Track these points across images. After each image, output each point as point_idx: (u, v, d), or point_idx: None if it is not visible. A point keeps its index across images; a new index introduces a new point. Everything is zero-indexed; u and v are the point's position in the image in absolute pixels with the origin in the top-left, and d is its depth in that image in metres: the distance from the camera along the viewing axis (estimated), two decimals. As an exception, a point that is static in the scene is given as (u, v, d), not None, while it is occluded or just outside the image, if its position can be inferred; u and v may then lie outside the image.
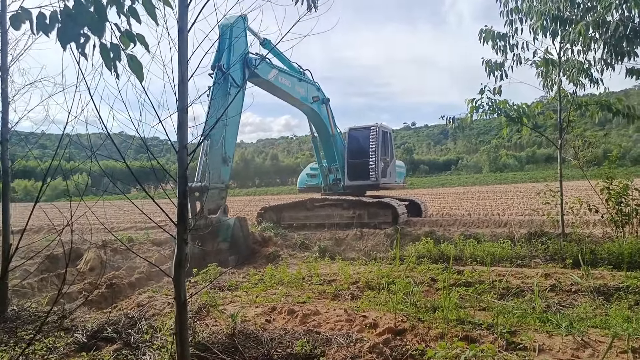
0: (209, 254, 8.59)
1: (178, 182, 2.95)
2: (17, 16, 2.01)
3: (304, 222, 15.05)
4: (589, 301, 4.88)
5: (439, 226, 14.52)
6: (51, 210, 5.05)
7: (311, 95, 13.61)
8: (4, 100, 4.74)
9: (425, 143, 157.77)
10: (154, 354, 3.68)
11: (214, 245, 8.88)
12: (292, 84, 12.50)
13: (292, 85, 12.48)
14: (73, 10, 2.01)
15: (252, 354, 3.61)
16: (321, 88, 14.27)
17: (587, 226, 12.09)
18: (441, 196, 33.50)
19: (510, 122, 8.23)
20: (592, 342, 3.73)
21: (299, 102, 13.15)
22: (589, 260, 6.51)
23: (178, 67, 2.87)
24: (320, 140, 15.35)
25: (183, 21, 2.84)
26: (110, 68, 2.26)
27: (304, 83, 13.21)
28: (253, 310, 4.98)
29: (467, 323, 4.22)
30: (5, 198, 4.91)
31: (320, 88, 14.23)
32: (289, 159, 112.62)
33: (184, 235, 2.95)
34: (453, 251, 7.58)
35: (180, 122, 2.93)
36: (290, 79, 12.50)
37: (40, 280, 8.07)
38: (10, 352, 3.82)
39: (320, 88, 14.23)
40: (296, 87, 12.72)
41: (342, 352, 3.68)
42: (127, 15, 2.24)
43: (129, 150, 3.07)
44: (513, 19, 7.83)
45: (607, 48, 6.91)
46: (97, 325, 4.35)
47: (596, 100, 7.73)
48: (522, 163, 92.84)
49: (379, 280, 5.91)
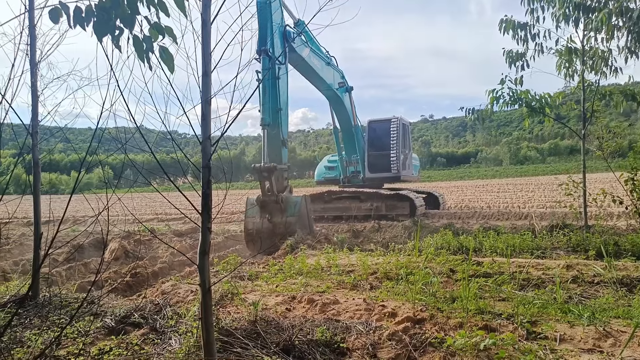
0: (278, 226, 9.58)
1: (202, 172, 3.03)
2: (55, 10, 2.11)
3: (322, 215, 15.14)
4: (611, 292, 4.83)
5: (457, 218, 14.44)
6: (75, 201, 5.22)
7: (337, 81, 13.79)
8: (34, 94, 4.90)
9: (443, 136, 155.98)
10: (179, 339, 3.80)
11: (283, 219, 9.75)
12: (322, 66, 12.76)
13: (322, 67, 12.74)
14: (107, 4, 2.10)
15: (274, 339, 3.70)
16: (345, 76, 14.33)
17: (611, 218, 11.87)
18: (459, 189, 33.19)
19: (532, 112, 8.11)
20: (614, 332, 3.71)
21: (325, 85, 13.36)
22: (612, 252, 6.42)
23: (202, 59, 2.94)
24: (342, 131, 15.41)
25: (206, 13, 2.91)
26: (142, 59, 2.35)
27: (330, 68, 13.37)
28: (273, 299, 5.08)
29: (486, 313, 4.23)
30: (36, 190, 5.09)
31: (344, 76, 14.30)
32: (306, 152, 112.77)
33: (207, 223, 3.04)
34: (472, 243, 7.56)
35: (204, 114, 3.01)
36: (320, 61, 12.70)
37: (67, 268, 8.36)
38: (43, 335, 3.99)
39: (344, 76, 14.30)
40: (325, 70, 12.93)
41: (362, 339, 3.75)
42: (156, 8, 2.31)
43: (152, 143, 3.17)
44: (534, 7, 7.69)
45: (631, 36, 6.75)
46: (124, 311, 4.50)
47: (621, 89, 7.55)
48: (544, 155, 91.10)
49: (397, 271, 5.94)
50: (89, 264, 8.82)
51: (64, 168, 71.85)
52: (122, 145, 2.89)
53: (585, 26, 7.54)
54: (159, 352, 3.65)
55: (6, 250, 10.35)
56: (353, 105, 14.86)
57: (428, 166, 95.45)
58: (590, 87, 7.87)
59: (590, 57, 7.60)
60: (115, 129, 3.12)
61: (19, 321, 4.41)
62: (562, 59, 7.97)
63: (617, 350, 3.42)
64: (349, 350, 3.63)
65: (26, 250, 10.56)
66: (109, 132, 3.17)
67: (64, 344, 3.85)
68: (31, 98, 4.77)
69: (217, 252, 9.85)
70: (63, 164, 72.11)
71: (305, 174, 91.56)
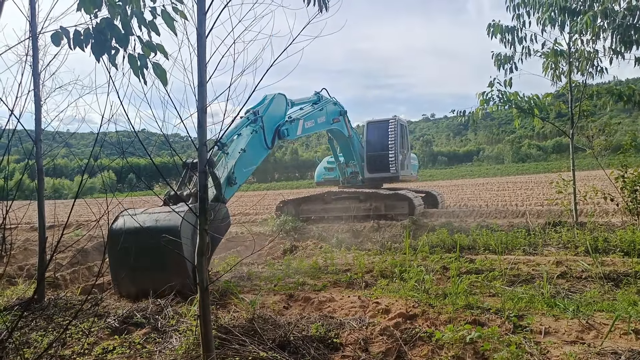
0: None
1: (199, 176, 3.21)
2: (57, 34, 2.29)
3: (322, 215, 15.29)
4: (597, 287, 4.98)
5: (455, 217, 14.57)
6: (79, 206, 5.40)
7: (331, 117, 13.67)
8: (37, 102, 5.07)
9: (444, 134, 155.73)
10: (179, 337, 3.97)
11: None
12: (315, 120, 12.50)
13: (315, 121, 12.48)
14: (102, 24, 2.27)
15: (270, 336, 3.87)
16: (338, 102, 14.27)
17: (606, 215, 11.99)
18: (459, 187, 33.30)
19: (522, 113, 8.27)
20: (597, 324, 3.87)
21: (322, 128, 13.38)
22: (602, 248, 6.57)
23: (197, 71, 3.11)
24: (338, 142, 15.53)
25: (202, 28, 3.08)
26: (138, 75, 2.52)
27: (323, 110, 13.22)
28: (271, 298, 5.25)
29: (476, 308, 4.39)
30: (40, 195, 5.26)
31: (337, 102, 14.24)
32: (308, 153, 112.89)
33: (204, 225, 3.21)
34: (466, 240, 7.71)
35: (200, 122, 3.18)
36: (312, 116, 12.44)
37: (72, 272, 8.52)
38: (49, 336, 4.16)
39: (337, 102, 14.24)
40: (318, 120, 12.74)
41: (354, 334, 3.91)
42: (147, 28, 2.48)
43: (152, 147, 3.34)
44: (520, 12, 7.87)
45: (616, 37, 6.90)
46: (127, 312, 4.67)
47: (606, 88, 7.71)
48: (547, 153, 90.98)
49: (392, 269, 6.10)
50: (92, 268, 8.98)
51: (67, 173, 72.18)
52: (122, 152, 3.05)
53: (570, 28, 7.72)
54: (160, 350, 3.82)
55: (11, 256, 10.51)
56: (348, 125, 14.91)
57: (430, 165, 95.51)
58: (577, 87, 8.05)
59: (577, 58, 7.78)
60: (117, 133, 3.29)
61: (25, 323, 4.56)
62: (549, 61, 8.15)
63: (598, 341, 3.58)
64: (342, 345, 3.79)
65: (30, 255, 10.72)
66: (111, 137, 3.34)
67: (69, 344, 4.02)
68: (34, 107, 4.95)
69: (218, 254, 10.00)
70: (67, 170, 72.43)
71: (307, 175, 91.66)
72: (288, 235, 12.14)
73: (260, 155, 9.51)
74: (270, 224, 13.88)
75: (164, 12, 2.53)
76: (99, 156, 3.72)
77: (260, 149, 9.36)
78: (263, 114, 9.39)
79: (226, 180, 8.70)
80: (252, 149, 9.02)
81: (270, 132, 9.75)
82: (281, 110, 10.19)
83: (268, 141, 9.59)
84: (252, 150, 9.09)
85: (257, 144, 9.18)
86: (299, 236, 11.77)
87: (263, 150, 9.50)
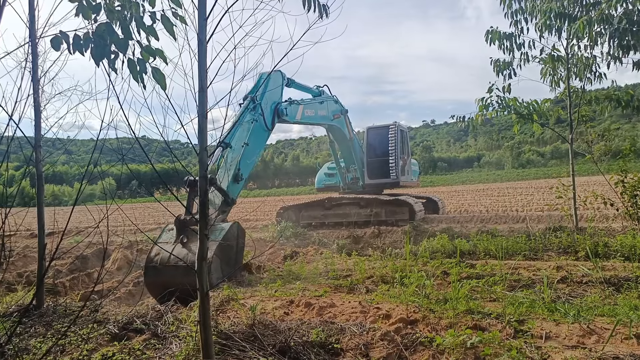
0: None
1: (199, 181, 3.21)
2: (57, 39, 2.30)
3: (322, 221, 15.28)
4: (598, 291, 4.97)
5: (456, 223, 14.55)
6: (79, 212, 5.40)
7: (332, 113, 13.75)
8: (37, 109, 5.08)
9: (445, 140, 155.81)
10: (179, 343, 3.95)
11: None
12: (315, 111, 12.61)
13: (315, 112, 12.60)
14: (102, 28, 2.28)
15: (271, 341, 3.85)
16: (339, 100, 14.37)
17: (606, 220, 11.98)
18: (460, 193, 33.30)
19: (521, 119, 8.30)
20: (598, 329, 3.85)
21: (322, 122, 13.41)
22: (602, 253, 6.56)
23: (198, 76, 3.13)
24: (339, 145, 15.54)
25: (202, 33, 3.10)
26: (137, 80, 2.53)
27: (324, 104, 13.32)
28: (272, 304, 5.23)
29: (476, 313, 4.37)
30: (40, 201, 5.25)
31: (338, 100, 14.33)
32: (308, 159, 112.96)
33: (205, 230, 3.21)
34: (466, 246, 7.70)
35: (201, 127, 3.18)
36: (313, 106, 12.58)
37: (71, 279, 8.50)
38: (48, 342, 4.14)
39: (338, 100, 14.33)
40: (319, 112, 12.85)
41: (355, 339, 3.90)
42: (146, 32, 2.50)
43: (153, 153, 3.34)
44: (518, 19, 7.93)
45: (613, 42, 6.94)
46: (127, 318, 4.65)
47: (605, 93, 7.74)
48: (547, 159, 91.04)
49: (393, 275, 6.09)
50: (92, 274, 8.96)
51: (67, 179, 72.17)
52: (121, 157, 3.06)
53: (568, 34, 7.77)
54: (160, 356, 3.80)
55: (10, 263, 10.50)
56: (348, 122, 14.98)
57: (430, 171, 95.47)
58: (576, 92, 8.08)
59: (574, 64, 7.81)
60: (117, 139, 3.29)
61: (24, 329, 4.55)
62: (547, 67, 8.19)
63: (599, 346, 3.56)
64: (343, 350, 3.78)
65: (29, 262, 10.71)
66: (111, 143, 3.34)
67: (67, 350, 4.00)
68: (34, 113, 4.95)
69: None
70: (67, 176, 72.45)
71: (308, 181, 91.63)
72: (288, 241, 12.13)
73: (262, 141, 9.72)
74: (270, 229, 13.87)
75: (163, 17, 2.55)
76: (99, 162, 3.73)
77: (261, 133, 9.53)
78: (261, 100, 9.48)
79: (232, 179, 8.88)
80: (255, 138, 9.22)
81: (269, 114, 9.86)
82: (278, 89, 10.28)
83: (268, 123, 9.72)
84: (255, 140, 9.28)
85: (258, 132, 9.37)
86: (299, 242, 11.75)
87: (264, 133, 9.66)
